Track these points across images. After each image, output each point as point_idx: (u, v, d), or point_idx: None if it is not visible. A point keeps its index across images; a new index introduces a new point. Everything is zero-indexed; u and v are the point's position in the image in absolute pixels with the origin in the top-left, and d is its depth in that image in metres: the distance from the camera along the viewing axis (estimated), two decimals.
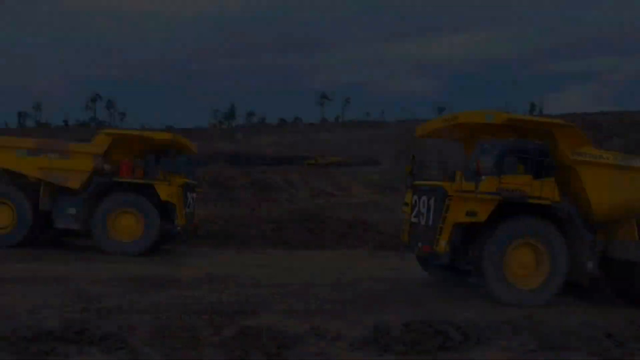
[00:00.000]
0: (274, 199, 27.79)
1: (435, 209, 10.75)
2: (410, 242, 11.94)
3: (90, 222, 14.80)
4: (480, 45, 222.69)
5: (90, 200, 14.96)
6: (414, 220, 11.81)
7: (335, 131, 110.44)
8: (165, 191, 14.76)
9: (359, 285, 11.92)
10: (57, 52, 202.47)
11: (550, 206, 10.62)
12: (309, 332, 7.68)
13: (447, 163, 12.74)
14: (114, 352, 6.50)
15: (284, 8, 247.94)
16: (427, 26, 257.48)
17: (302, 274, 13.14)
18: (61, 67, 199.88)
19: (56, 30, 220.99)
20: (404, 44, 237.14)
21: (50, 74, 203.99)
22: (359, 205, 27.96)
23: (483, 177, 10.47)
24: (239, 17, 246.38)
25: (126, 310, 8.55)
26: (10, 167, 15.00)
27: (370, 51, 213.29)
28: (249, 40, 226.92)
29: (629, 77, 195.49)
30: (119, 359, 6.31)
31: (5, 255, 13.62)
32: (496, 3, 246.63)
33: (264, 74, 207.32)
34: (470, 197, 10.35)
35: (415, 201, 11.75)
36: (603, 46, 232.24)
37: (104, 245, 14.64)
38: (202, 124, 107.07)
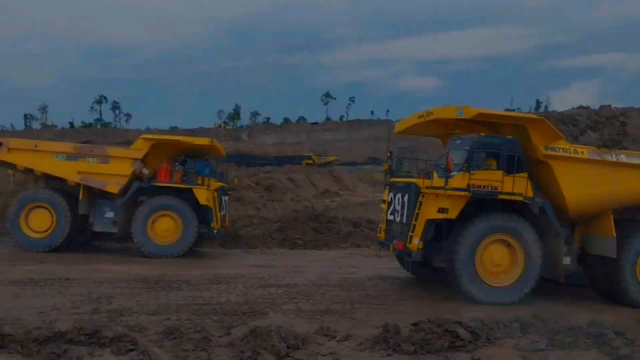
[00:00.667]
0: (279, 198, 27.75)
1: (409, 206, 10.65)
2: (387, 239, 11.84)
3: (130, 225, 15.07)
4: (485, 42, 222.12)
5: (128, 204, 15.24)
6: (389, 217, 11.74)
7: (340, 130, 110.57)
8: (204, 195, 15.04)
9: (366, 285, 11.94)
10: (62, 53, 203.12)
11: (523, 202, 10.48)
12: (318, 332, 7.71)
13: (425, 159, 12.47)
14: (125, 353, 6.53)
15: (287, 8, 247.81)
16: (431, 23, 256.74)
17: (309, 273, 13.16)
18: (66, 68, 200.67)
19: (61, 31, 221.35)
20: (408, 42, 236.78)
21: (56, 75, 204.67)
22: (365, 204, 27.90)
23: (454, 173, 10.36)
24: (243, 18, 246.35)
25: (136, 311, 8.60)
26: (49, 172, 15.12)
27: (374, 49, 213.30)
28: (253, 40, 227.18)
29: (636, 73, 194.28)
30: None
31: (14, 258, 13.71)
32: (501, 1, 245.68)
33: (269, 74, 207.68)
34: (442, 194, 10.22)
35: (391, 198, 11.70)
36: (610, 42, 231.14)
37: (144, 248, 14.87)
38: (208, 124, 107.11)
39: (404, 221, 10.84)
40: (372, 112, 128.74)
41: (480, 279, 10.30)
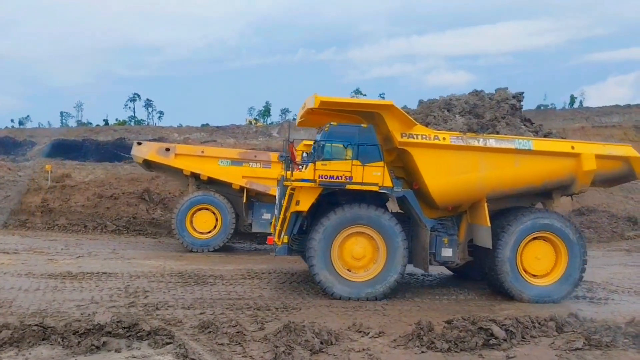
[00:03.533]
0: None
1: (280, 200, 10.47)
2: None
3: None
4: (517, 36, 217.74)
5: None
6: (276, 213, 11.51)
7: None
8: None
9: (398, 282, 11.85)
10: (97, 53, 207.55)
11: (378, 192, 9.94)
12: (351, 328, 7.72)
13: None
14: (162, 346, 6.65)
15: (316, 5, 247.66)
16: (463, 18, 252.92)
17: None
18: (100, 67, 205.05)
19: (96, 31, 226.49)
20: (439, 37, 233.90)
21: (91, 74, 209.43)
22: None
23: (306, 165, 10.10)
24: (272, 15, 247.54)
25: (172, 305, 8.76)
26: (215, 176, 15.76)
27: (404, 45, 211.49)
28: (283, 37, 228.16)
29: None
30: (167, 353, 6.45)
31: (53, 253, 14.13)
32: None
33: (298, 70, 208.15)
34: (301, 187, 9.81)
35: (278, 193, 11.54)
36: None
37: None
38: (239, 121, 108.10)
39: (277, 215, 10.67)
40: (405, 106, 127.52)
41: (339, 273, 9.93)
